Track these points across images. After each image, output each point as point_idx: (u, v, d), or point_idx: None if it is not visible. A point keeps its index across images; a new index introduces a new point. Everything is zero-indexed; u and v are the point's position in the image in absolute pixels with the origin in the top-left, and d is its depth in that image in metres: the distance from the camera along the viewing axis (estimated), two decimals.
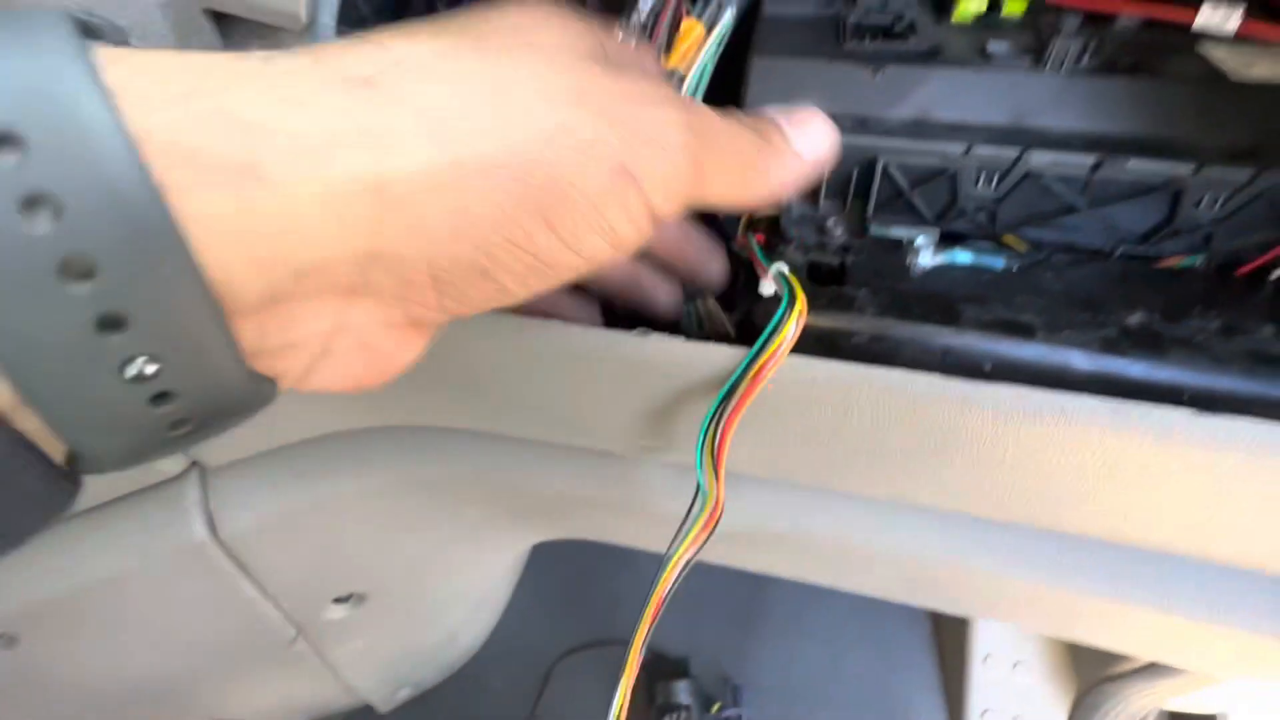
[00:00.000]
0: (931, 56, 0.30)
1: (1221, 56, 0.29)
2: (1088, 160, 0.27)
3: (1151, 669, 0.55)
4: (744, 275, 0.33)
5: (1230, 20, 0.28)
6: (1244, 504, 0.22)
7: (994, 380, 0.26)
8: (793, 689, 0.78)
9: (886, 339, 0.26)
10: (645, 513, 0.35)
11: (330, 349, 0.17)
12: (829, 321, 0.27)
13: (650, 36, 0.31)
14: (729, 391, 0.23)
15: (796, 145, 0.21)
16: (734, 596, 0.85)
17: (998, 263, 0.28)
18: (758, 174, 0.20)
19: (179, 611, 0.43)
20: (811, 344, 0.26)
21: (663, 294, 0.28)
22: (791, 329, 0.22)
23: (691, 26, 0.30)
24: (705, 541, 0.25)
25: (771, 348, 0.22)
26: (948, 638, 0.75)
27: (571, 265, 0.17)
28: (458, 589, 0.54)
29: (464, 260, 0.16)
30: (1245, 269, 0.28)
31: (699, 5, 0.30)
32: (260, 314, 0.15)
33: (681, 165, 0.18)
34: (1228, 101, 0.27)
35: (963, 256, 0.28)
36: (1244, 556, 0.24)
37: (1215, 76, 0.28)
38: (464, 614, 0.59)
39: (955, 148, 0.28)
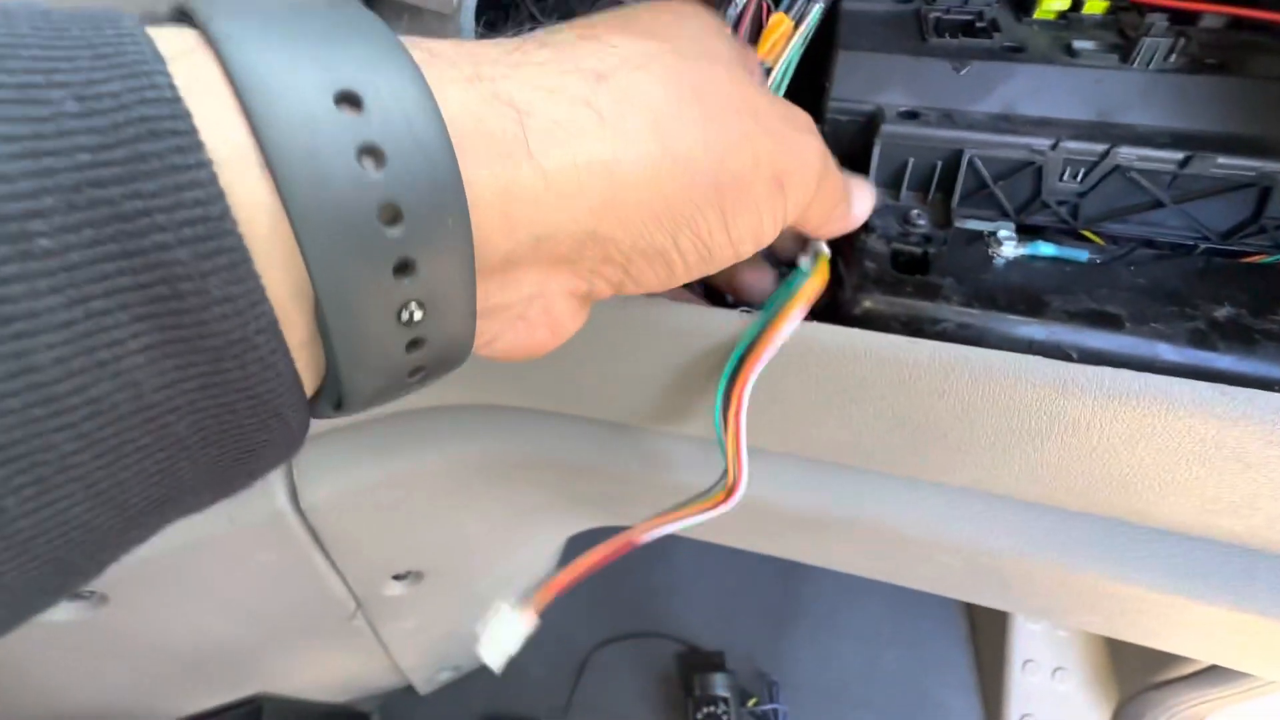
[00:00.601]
0: (1015, 53, 0.30)
1: None
2: (1176, 156, 0.28)
3: (1202, 675, 0.54)
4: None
5: None
6: None
7: None
8: (828, 687, 0.78)
9: (972, 327, 0.27)
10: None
11: (525, 314, 0.18)
12: (914, 309, 0.27)
13: (737, 28, 0.32)
14: (743, 355, 0.24)
15: (857, 205, 0.25)
16: (769, 593, 0.85)
17: (1081, 255, 0.28)
18: (836, 217, 0.24)
19: (253, 579, 0.44)
20: (899, 331, 0.27)
21: (768, 281, 0.29)
22: (808, 292, 0.24)
23: (780, 20, 0.31)
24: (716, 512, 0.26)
25: (785, 310, 0.23)
26: (985, 641, 0.74)
27: (729, 257, 0.20)
28: (506, 573, 0.56)
29: (657, 244, 0.18)
30: None
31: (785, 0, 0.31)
32: (496, 275, 0.16)
33: (812, 188, 0.21)
34: None
35: (1046, 249, 0.29)
36: None
37: None
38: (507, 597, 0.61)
39: (1042, 141, 0.28)
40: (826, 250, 0.26)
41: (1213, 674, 0.52)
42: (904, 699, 0.75)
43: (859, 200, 0.26)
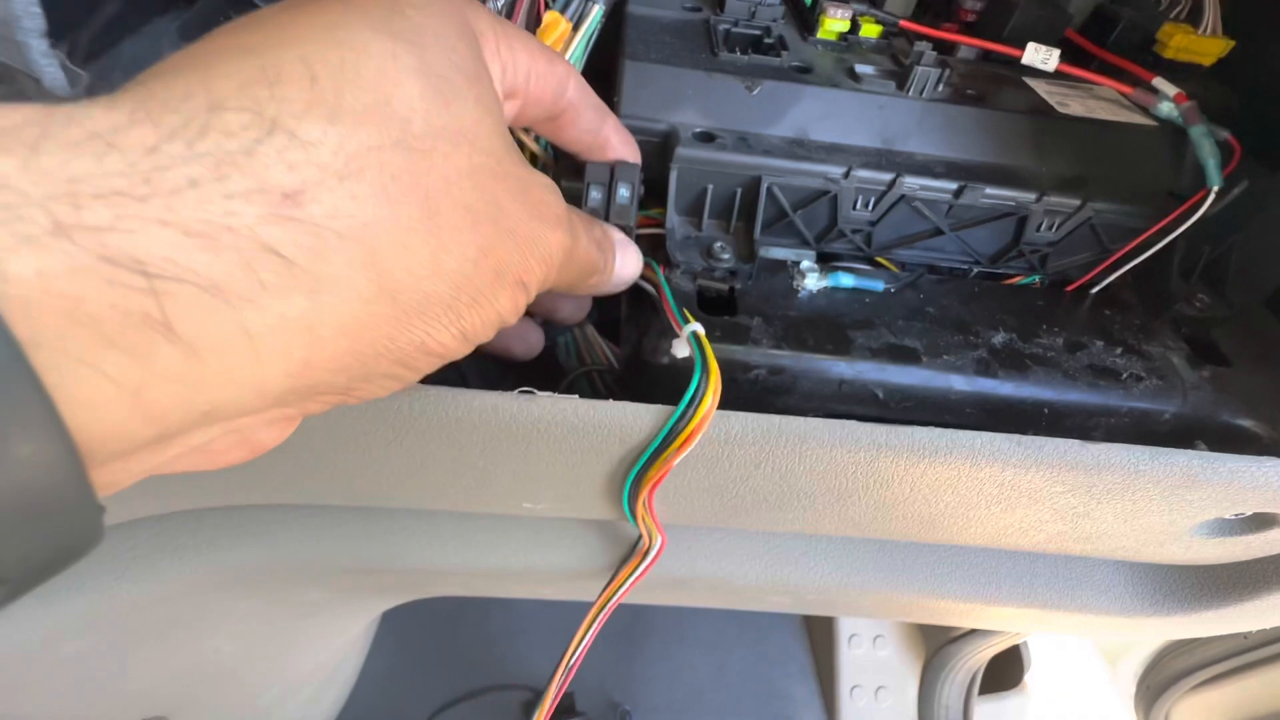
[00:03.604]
0: (804, 73, 0.29)
1: (1045, 91, 0.32)
2: (951, 186, 0.28)
3: (979, 631, 0.62)
4: (627, 301, 0.30)
5: (1050, 60, 0.31)
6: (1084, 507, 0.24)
7: (889, 406, 0.26)
8: (681, 700, 0.78)
9: (785, 371, 0.25)
10: (523, 572, 0.31)
11: (208, 446, 0.15)
12: (726, 354, 0.25)
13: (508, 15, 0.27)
14: (650, 458, 0.20)
15: (619, 271, 0.23)
16: (616, 618, 0.82)
17: (877, 285, 0.28)
18: (588, 286, 0.23)
19: None
20: None
21: (531, 340, 0.27)
22: (710, 400, 0.20)
23: (555, 21, 0.26)
24: (644, 574, 0.23)
25: (694, 419, 0.20)
26: (816, 624, 0.80)
27: (466, 351, 0.17)
28: (292, 679, 0.45)
29: (382, 372, 0.15)
30: (1072, 286, 0.31)
31: None
32: (140, 452, 0.13)
33: (553, 274, 0.19)
34: (1054, 134, 0.30)
35: (846, 280, 0.28)
36: (1048, 543, 0.27)
37: (1044, 108, 0.30)
38: (304, 701, 0.49)
39: (836, 170, 0.27)
40: (699, 328, 0.22)
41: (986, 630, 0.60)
42: (752, 697, 0.77)
43: (623, 264, 0.23)
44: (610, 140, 0.24)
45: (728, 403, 0.22)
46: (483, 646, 0.78)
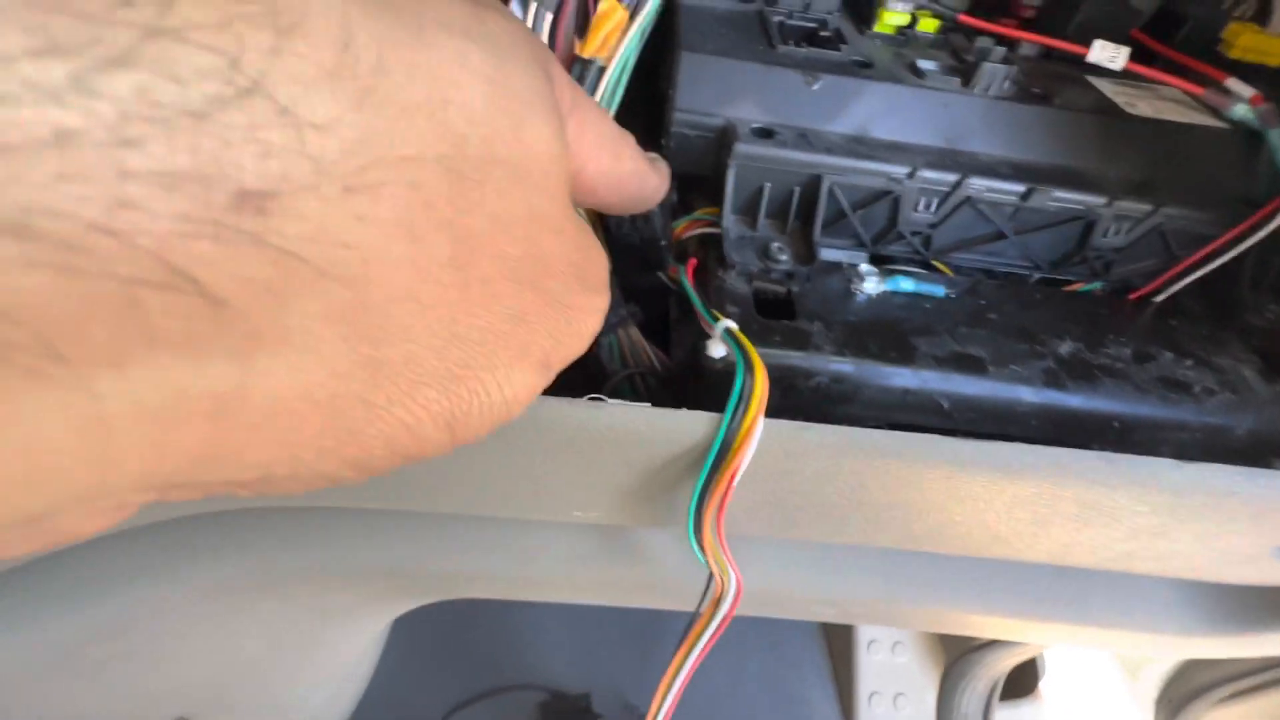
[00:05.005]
0: (865, 68, 0.28)
1: (1110, 91, 0.31)
2: (1019, 188, 0.27)
3: (1002, 640, 0.61)
4: (676, 304, 0.29)
5: (1118, 59, 0.30)
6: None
7: (954, 417, 0.25)
8: (699, 704, 0.77)
9: (848, 379, 0.24)
10: (547, 579, 0.30)
11: None
12: (786, 361, 0.24)
13: (557, 18, 0.26)
14: (710, 470, 0.19)
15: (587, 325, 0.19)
16: (632, 620, 0.82)
17: (938, 290, 0.27)
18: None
19: None
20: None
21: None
22: (759, 400, 0.19)
23: (612, 8, 0.25)
24: (724, 624, 0.21)
25: (745, 424, 0.19)
26: (835, 630, 0.79)
27: (444, 451, 0.14)
28: (314, 678, 0.45)
29: (319, 472, 0.11)
30: (1137, 294, 0.30)
31: None
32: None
33: (578, 353, 0.15)
34: (1123, 136, 0.29)
35: (906, 284, 0.27)
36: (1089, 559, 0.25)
37: (1112, 109, 0.29)
38: (324, 699, 0.49)
39: (899, 169, 0.26)
40: (732, 324, 0.21)
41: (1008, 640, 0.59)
42: (769, 702, 0.76)
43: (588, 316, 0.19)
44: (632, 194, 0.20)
45: (787, 412, 0.21)
46: (499, 645, 0.77)
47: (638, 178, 0.18)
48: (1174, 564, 0.25)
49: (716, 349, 0.21)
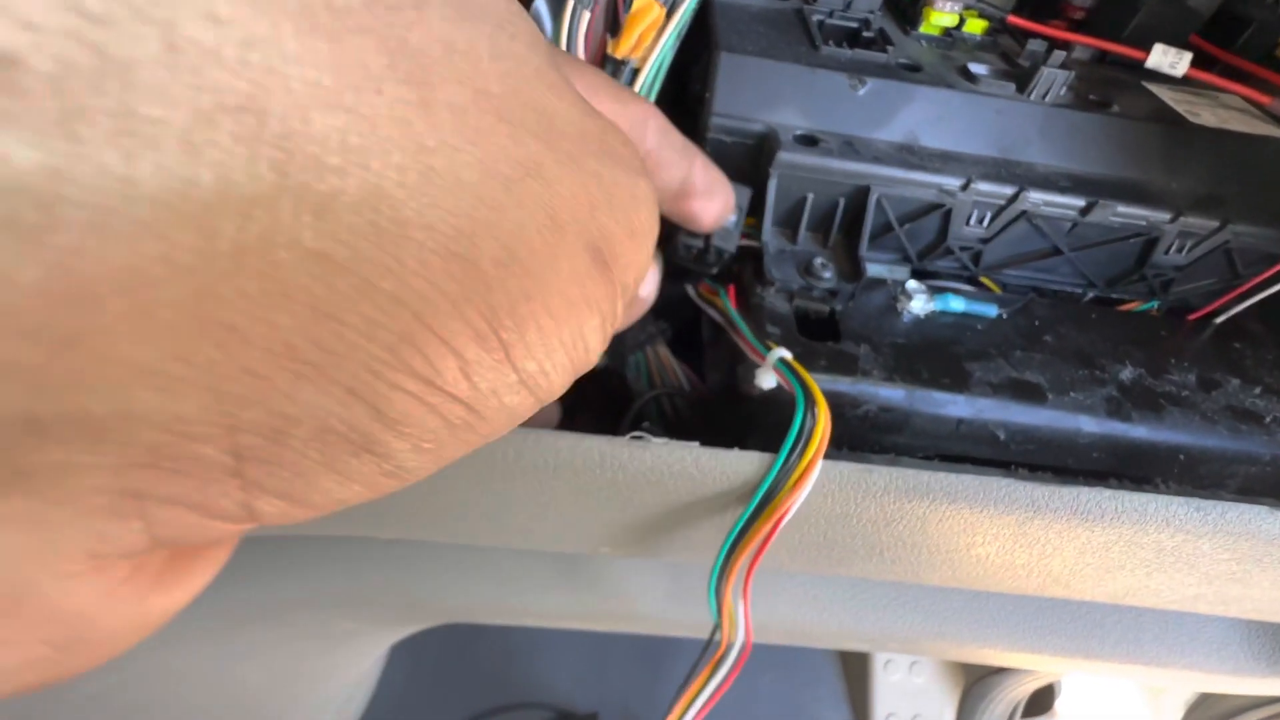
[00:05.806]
0: (912, 71, 0.26)
1: (1170, 99, 0.29)
2: (1079, 202, 0.25)
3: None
4: (709, 325, 0.27)
5: (1180, 64, 0.28)
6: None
7: (1009, 449, 0.23)
8: None
9: (896, 409, 0.22)
10: (554, 609, 0.29)
11: None
12: (832, 388, 0.22)
13: (591, 7, 0.24)
14: (753, 514, 0.17)
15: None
16: (640, 639, 0.80)
17: (990, 310, 0.25)
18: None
19: None
20: None
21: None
22: (820, 440, 0.17)
23: (648, 6, 0.23)
24: (724, 688, 0.19)
25: (801, 465, 0.17)
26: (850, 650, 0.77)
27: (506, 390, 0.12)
28: (315, 703, 0.43)
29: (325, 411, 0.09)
30: (1196, 314, 0.28)
31: None
32: None
33: (648, 254, 0.13)
34: (1187, 146, 0.27)
35: (956, 304, 0.25)
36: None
37: (1175, 118, 0.27)
38: None
39: (952, 181, 0.24)
40: (786, 354, 0.19)
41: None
42: None
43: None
44: (696, 186, 0.19)
45: (831, 442, 0.20)
46: (506, 662, 0.76)
47: (652, 120, 0.17)
48: (1241, 607, 0.24)
49: (767, 379, 0.19)
